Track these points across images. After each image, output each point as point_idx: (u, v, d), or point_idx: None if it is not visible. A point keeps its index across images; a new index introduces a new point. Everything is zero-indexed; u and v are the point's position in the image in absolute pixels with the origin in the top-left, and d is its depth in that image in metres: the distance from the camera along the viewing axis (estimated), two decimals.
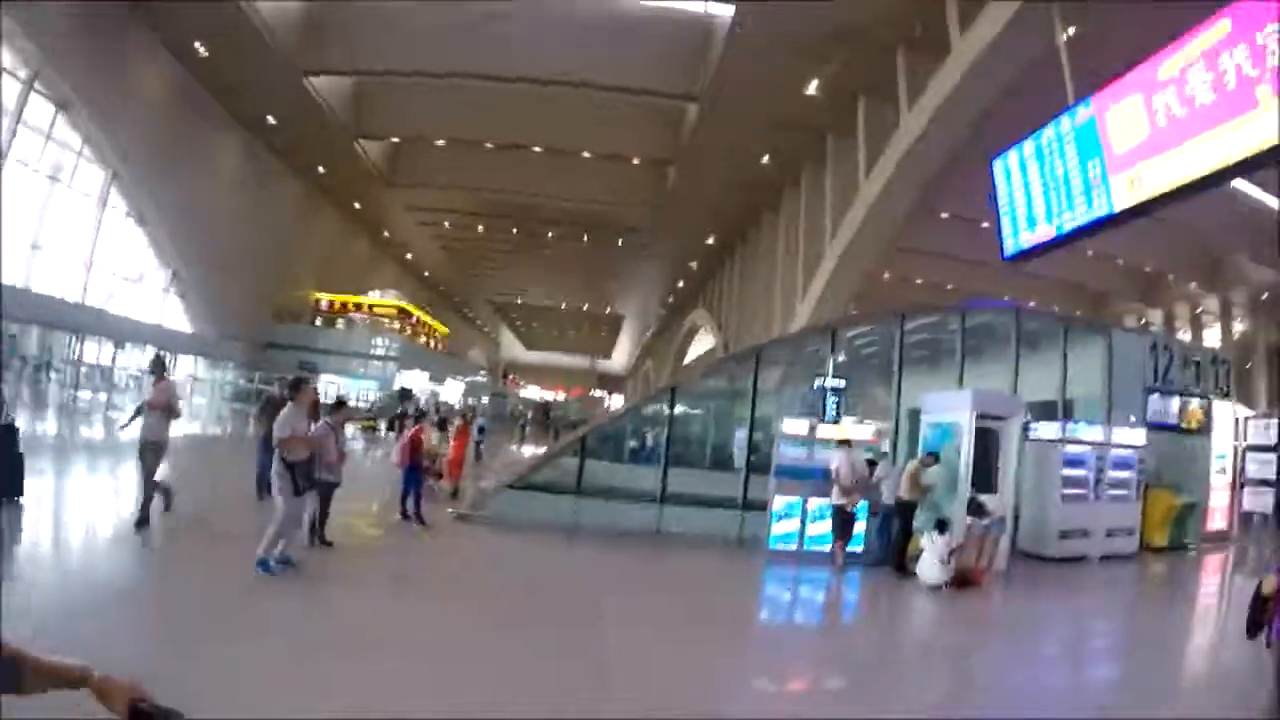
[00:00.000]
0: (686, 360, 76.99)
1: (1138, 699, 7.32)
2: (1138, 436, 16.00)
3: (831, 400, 16.73)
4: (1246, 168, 7.17)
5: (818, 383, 17.15)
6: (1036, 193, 9.76)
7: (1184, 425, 17.81)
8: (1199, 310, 49.50)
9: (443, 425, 18.17)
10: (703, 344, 71.64)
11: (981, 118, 23.45)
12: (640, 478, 14.99)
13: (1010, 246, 10.25)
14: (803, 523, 12.87)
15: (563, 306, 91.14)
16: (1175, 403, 17.77)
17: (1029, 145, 9.97)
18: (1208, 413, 18.26)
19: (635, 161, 41.62)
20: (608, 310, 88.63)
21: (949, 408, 13.57)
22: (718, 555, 13.00)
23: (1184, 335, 47.56)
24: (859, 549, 12.78)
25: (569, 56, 31.20)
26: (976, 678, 7.96)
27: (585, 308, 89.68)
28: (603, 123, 38.13)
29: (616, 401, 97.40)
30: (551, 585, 9.94)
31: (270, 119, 39.76)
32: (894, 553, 12.40)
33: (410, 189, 50.12)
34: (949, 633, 9.93)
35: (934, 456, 12.81)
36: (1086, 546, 14.84)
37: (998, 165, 10.56)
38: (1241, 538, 18.93)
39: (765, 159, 36.75)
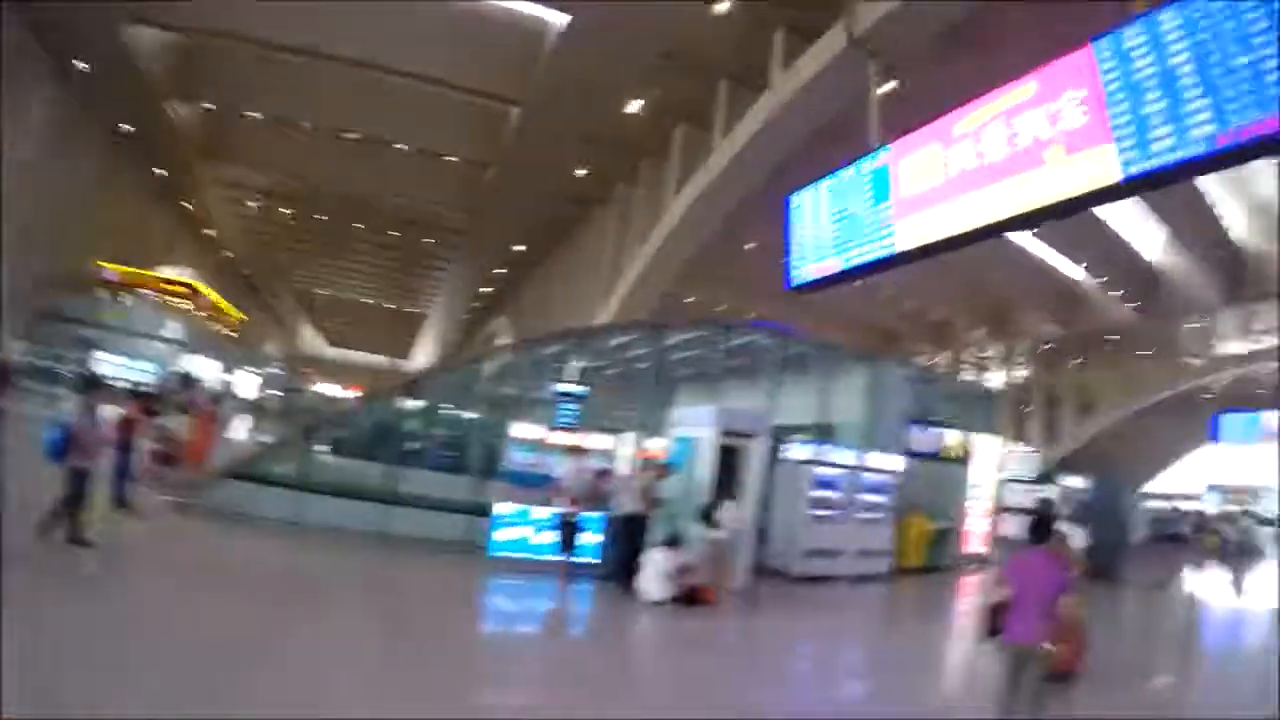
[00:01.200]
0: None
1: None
2: (893, 462, 16.60)
3: (569, 406, 16.52)
4: (1025, 222, 7.89)
5: (557, 388, 16.89)
6: (827, 229, 10.05)
7: (945, 455, 18.90)
8: (984, 355, 52.63)
9: (185, 409, 17.16)
10: None
11: (792, 154, 23.95)
12: (373, 475, 14.17)
13: (796, 277, 10.54)
14: (533, 531, 12.49)
15: (368, 303, 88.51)
16: (936, 434, 18.77)
17: (827, 184, 10.27)
18: (968, 445, 19.44)
19: (453, 160, 40.75)
20: (413, 310, 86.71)
21: (694, 422, 13.56)
22: (441, 561, 12.50)
23: (969, 376, 50.52)
24: (592, 561, 12.45)
25: (399, 43, 30.19)
26: (666, 698, 7.76)
27: (391, 306, 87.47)
28: (425, 116, 37.02)
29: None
30: (238, 586, 9.23)
31: (81, 64, 35.58)
32: (621, 567, 12.03)
33: (221, 162, 47.15)
34: (657, 651, 9.90)
35: (666, 468, 12.73)
36: (836, 566, 15.15)
37: (794, 199, 10.82)
38: (998, 560, 19.68)
39: (581, 172, 36.63)
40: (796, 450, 15.55)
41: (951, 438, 19.09)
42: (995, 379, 54.58)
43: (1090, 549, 12.55)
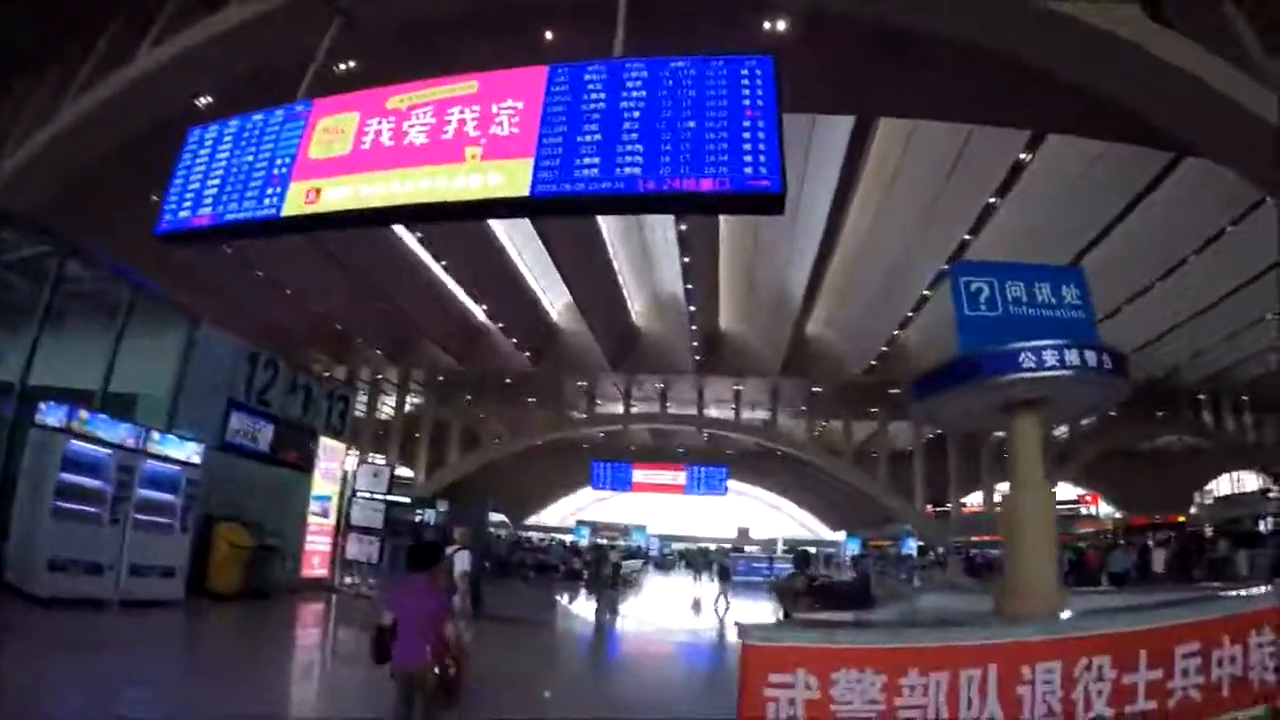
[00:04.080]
0: None
1: None
2: (190, 452, 13.03)
3: None
4: (424, 214, 7.87)
5: None
6: (217, 174, 8.47)
7: (280, 457, 16.19)
8: (380, 376, 52.78)
9: None
10: None
11: (220, 94, 21.15)
12: None
13: (166, 223, 8.51)
14: None
15: None
16: (268, 428, 15.83)
17: (234, 124, 8.82)
18: (312, 448, 17.16)
19: None
20: None
21: None
22: None
23: (362, 396, 50.03)
24: None
25: None
26: None
27: None
28: None
29: None
30: None
31: None
32: None
33: None
34: None
35: None
36: (98, 586, 11.26)
37: (195, 134, 8.97)
38: (344, 585, 18.19)
39: None
40: (52, 414, 11.54)
41: (283, 433, 16.18)
42: (388, 401, 55.94)
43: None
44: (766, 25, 16.72)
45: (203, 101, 21.01)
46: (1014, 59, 14.35)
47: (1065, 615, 6.70)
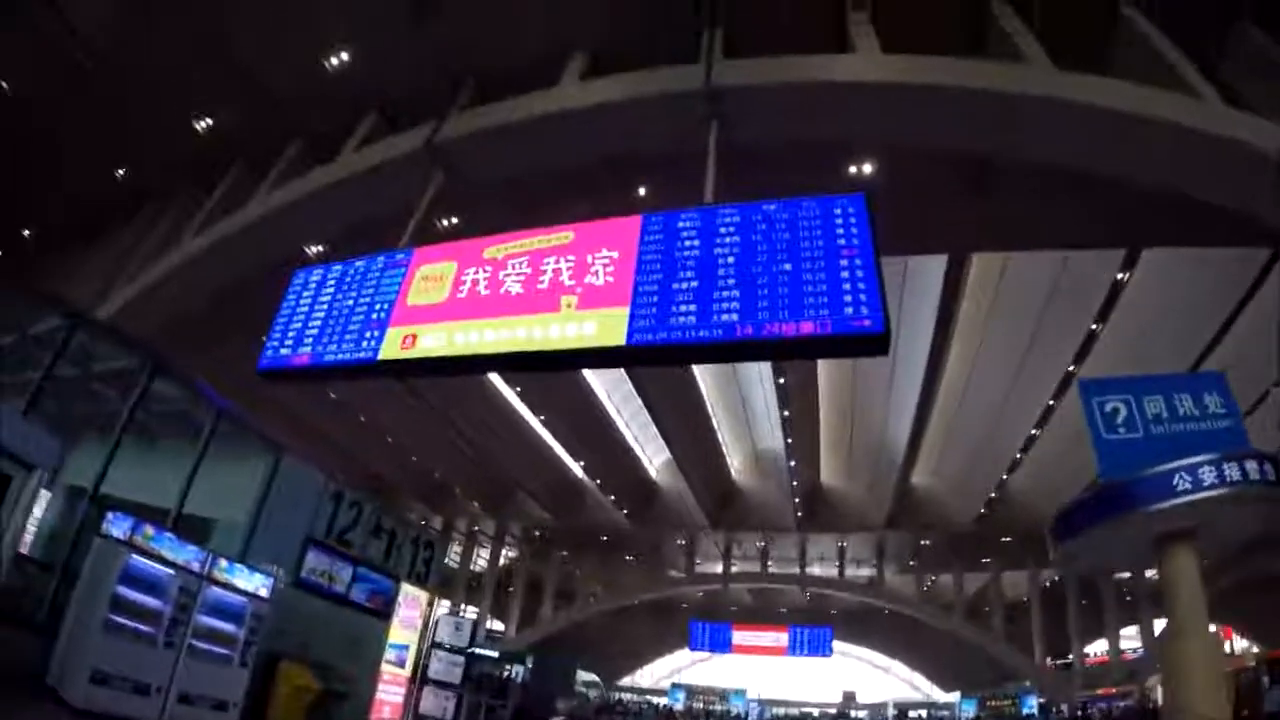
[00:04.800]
0: None
1: None
2: (258, 584, 12.56)
3: None
4: (519, 362, 7.94)
5: None
6: (319, 315, 8.96)
7: (356, 599, 15.47)
8: (476, 529, 52.75)
9: None
10: None
11: (330, 239, 21.85)
12: None
13: (267, 360, 8.97)
14: None
15: None
16: (347, 569, 15.23)
17: (338, 269, 9.44)
18: (392, 596, 16.38)
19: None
20: None
21: None
22: None
23: (457, 548, 50.33)
24: None
25: None
26: None
27: None
28: None
29: None
30: None
31: None
32: None
33: None
34: None
35: None
36: (141, 708, 10.62)
37: (300, 276, 9.65)
38: None
39: (120, 173, 30.11)
40: (118, 525, 11.40)
41: (354, 576, 15.51)
42: (484, 554, 55.78)
43: None
44: (852, 169, 16.74)
45: (313, 250, 21.84)
46: (1099, 175, 13.82)
47: None
